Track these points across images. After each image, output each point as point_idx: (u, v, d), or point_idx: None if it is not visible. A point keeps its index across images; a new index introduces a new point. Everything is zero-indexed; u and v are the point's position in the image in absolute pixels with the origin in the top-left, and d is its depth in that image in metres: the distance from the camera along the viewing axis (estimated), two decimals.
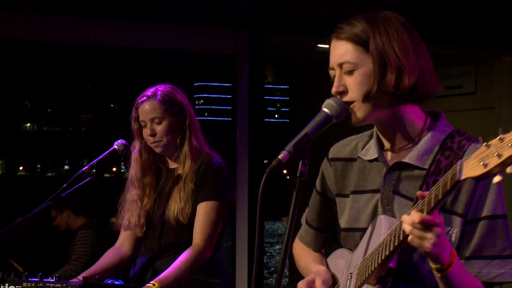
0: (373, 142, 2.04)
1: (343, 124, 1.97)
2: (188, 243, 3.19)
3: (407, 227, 1.70)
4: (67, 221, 5.54)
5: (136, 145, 3.32)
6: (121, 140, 3.21)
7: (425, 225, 1.68)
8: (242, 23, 5.25)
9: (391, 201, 1.94)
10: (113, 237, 3.54)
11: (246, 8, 5.22)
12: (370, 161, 2.02)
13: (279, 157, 1.80)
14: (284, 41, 5.87)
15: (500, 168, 1.51)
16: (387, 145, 2.00)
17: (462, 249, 1.84)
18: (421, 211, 1.69)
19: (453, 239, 1.82)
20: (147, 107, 3.25)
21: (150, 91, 3.29)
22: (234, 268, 5.29)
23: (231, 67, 5.45)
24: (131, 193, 3.32)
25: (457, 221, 1.83)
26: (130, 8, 4.93)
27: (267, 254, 16.27)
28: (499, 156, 1.50)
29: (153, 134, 3.25)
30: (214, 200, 3.19)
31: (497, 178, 1.51)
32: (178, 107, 3.29)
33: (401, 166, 1.93)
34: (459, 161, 1.62)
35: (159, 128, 3.25)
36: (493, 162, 1.51)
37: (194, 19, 5.12)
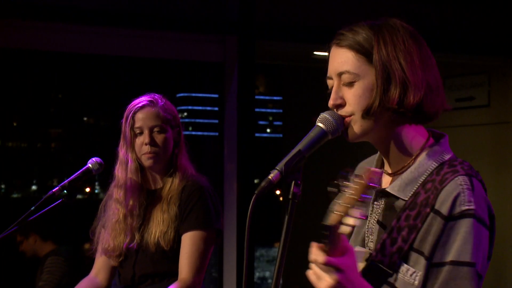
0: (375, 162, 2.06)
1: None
2: (167, 273, 3.18)
3: (310, 261, 1.76)
4: (33, 247, 5.53)
5: (130, 156, 3.29)
6: (96, 157, 3.20)
7: (326, 266, 1.71)
8: (230, 29, 5.27)
9: (374, 231, 1.97)
10: (85, 265, 3.54)
11: (235, 12, 5.25)
12: None
13: (270, 177, 1.81)
14: (277, 48, 5.89)
15: (339, 219, 1.65)
16: (386, 166, 2.01)
17: None
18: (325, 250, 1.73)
19: (416, 282, 1.82)
20: (148, 113, 3.24)
21: (149, 97, 3.29)
22: None
23: (218, 77, 5.46)
24: (116, 212, 3.29)
25: (422, 263, 1.82)
26: (105, 12, 4.94)
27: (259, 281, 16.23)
28: (335, 210, 1.65)
29: (151, 143, 3.22)
30: (201, 229, 3.17)
31: (345, 229, 1.65)
32: (176, 121, 3.31)
33: (386, 194, 1.95)
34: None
35: (159, 138, 3.23)
36: (333, 217, 1.66)
37: (177, 24, 5.14)
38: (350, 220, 1.62)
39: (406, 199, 1.89)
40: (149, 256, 3.21)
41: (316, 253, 1.72)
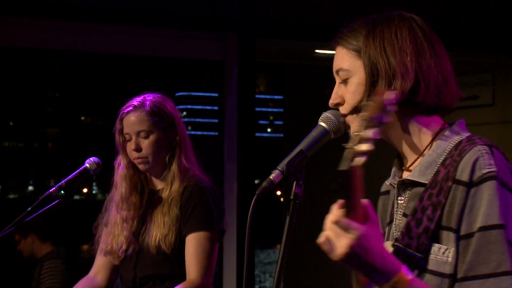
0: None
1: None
2: (168, 275, 3.18)
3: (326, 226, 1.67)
4: (31, 247, 5.55)
5: (123, 161, 3.31)
6: (93, 157, 3.20)
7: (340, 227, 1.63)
8: (231, 26, 5.27)
9: (402, 225, 1.92)
10: (83, 266, 3.54)
11: (235, 10, 5.24)
12: (392, 185, 2.01)
13: (271, 177, 1.81)
14: (278, 46, 5.89)
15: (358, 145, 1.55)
16: (405, 162, 1.99)
17: (458, 270, 1.78)
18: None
19: (449, 259, 1.78)
20: (133, 118, 3.24)
21: (137, 100, 3.28)
22: None
23: (218, 75, 5.46)
24: (115, 214, 3.31)
25: (452, 238, 1.78)
26: (104, 10, 4.94)
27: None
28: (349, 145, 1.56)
29: (137, 149, 3.23)
30: (205, 230, 3.17)
31: (359, 160, 1.54)
32: (168, 121, 3.29)
33: (408, 184, 1.92)
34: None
35: (145, 143, 3.24)
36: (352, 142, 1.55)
37: (176, 22, 5.13)
38: (363, 146, 1.54)
39: (427, 182, 1.86)
40: (150, 258, 3.22)
41: (334, 211, 1.65)
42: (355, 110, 1.89)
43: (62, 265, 5.45)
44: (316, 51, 6.09)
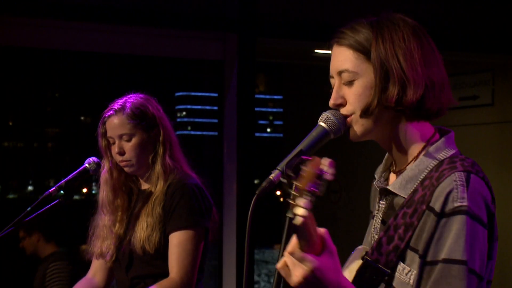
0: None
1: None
2: (159, 274, 3.19)
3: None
4: (35, 245, 5.59)
5: (105, 164, 3.32)
6: (93, 157, 3.21)
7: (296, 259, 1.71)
8: (231, 26, 5.27)
9: (379, 230, 1.98)
10: (84, 267, 3.55)
11: (235, 9, 5.24)
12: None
13: (271, 177, 1.81)
14: (277, 46, 5.89)
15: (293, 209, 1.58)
16: (394, 165, 2.01)
17: None
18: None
19: (411, 281, 1.82)
20: (115, 122, 3.25)
21: (119, 103, 3.28)
22: None
23: (217, 75, 5.46)
24: (103, 218, 3.33)
25: (416, 261, 1.82)
26: (103, 9, 4.94)
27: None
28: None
29: (121, 153, 3.24)
30: (186, 229, 3.17)
31: (297, 219, 1.58)
32: (151, 121, 3.29)
33: (390, 193, 1.96)
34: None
35: (128, 146, 3.25)
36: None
37: (176, 22, 5.13)
38: (299, 211, 1.57)
39: (406, 196, 1.89)
40: (138, 259, 3.24)
41: (292, 242, 1.71)
42: (365, 113, 1.90)
43: (68, 267, 5.50)
44: (316, 51, 6.09)
